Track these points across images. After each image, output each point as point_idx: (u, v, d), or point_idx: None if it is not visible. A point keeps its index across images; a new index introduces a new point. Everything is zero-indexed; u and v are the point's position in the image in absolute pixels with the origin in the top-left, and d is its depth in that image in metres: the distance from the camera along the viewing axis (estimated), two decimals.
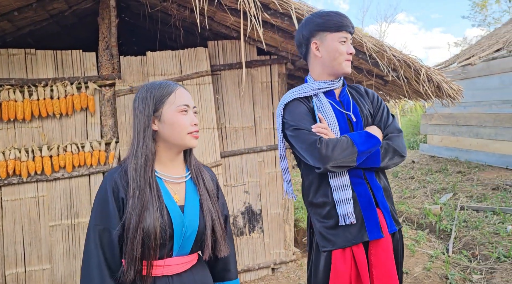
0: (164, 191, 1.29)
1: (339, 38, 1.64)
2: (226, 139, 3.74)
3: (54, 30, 4.07)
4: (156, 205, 1.23)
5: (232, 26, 3.46)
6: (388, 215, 1.64)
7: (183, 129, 1.30)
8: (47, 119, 3.31)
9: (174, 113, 1.30)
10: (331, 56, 1.66)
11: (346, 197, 1.58)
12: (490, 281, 3.18)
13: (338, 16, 1.64)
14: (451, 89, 3.40)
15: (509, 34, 8.03)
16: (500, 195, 5.33)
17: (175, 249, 1.29)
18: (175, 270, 1.30)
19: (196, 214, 1.32)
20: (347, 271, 1.56)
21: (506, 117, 6.73)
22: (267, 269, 3.85)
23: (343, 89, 1.77)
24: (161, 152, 1.33)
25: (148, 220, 1.21)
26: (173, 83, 1.36)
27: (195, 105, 1.39)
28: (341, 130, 1.65)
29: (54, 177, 3.27)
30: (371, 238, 1.58)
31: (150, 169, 1.27)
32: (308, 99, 1.71)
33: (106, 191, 1.26)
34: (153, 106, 1.30)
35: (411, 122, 13.32)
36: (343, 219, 1.58)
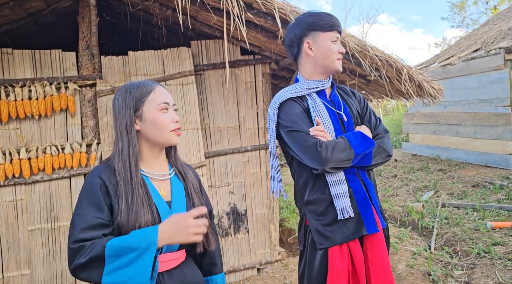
0: (151, 188, 1.32)
1: (331, 38, 1.68)
2: (210, 140, 3.71)
3: (32, 29, 3.96)
4: (146, 202, 1.26)
5: (216, 26, 3.44)
6: (378, 211, 1.69)
7: (165, 127, 1.32)
8: (25, 120, 3.22)
9: (155, 112, 1.32)
10: (324, 55, 1.69)
11: (343, 191, 1.61)
12: (471, 277, 3.25)
13: (329, 16, 1.69)
14: (432, 88, 3.46)
15: (486, 35, 8.23)
16: (480, 192, 5.46)
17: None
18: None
19: (183, 209, 1.35)
20: (345, 268, 1.58)
21: (484, 116, 6.89)
22: (252, 269, 3.84)
23: (333, 89, 1.81)
24: (144, 150, 1.35)
25: (139, 217, 1.23)
26: (152, 83, 1.38)
27: (175, 103, 1.40)
28: (335, 130, 1.69)
29: (33, 179, 3.19)
30: (369, 232, 1.61)
31: (136, 167, 1.30)
32: (302, 99, 1.73)
33: (95, 186, 1.25)
34: (133, 106, 1.32)
35: (393, 122, 13.53)
36: (341, 213, 1.60)
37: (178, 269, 1.35)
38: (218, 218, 3.74)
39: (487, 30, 8.73)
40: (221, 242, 3.75)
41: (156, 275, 1.20)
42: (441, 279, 3.25)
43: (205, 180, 3.60)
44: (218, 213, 3.74)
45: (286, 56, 3.71)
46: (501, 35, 7.50)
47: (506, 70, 6.43)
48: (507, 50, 6.43)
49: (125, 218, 1.22)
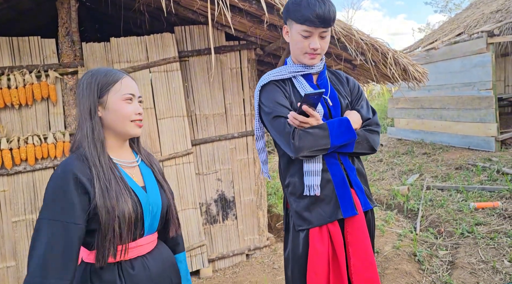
0: (124, 175, 1.32)
1: (301, 31, 1.57)
2: (196, 127, 3.68)
3: (10, 16, 3.83)
4: (122, 186, 1.26)
5: (199, 11, 3.37)
6: (362, 194, 1.68)
7: (126, 117, 1.31)
8: (5, 110, 3.14)
9: (119, 101, 1.31)
10: (293, 45, 1.66)
11: (316, 169, 1.60)
12: (455, 256, 3.33)
13: (308, 8, 1.52)
14: (417, 72, 3.48)
15: (469, 19, 8.30)
16: (463, 174, 5.57)
17: (146, 228, 1.32)
18: (147, 249, 1.35)
19: (157, 193, 1.37)
20: (325, 250, 1.59)
21: (467, 99, 6.99)
22: (241, 255, 3.86)
23: (322, 72, 1.75)
24: (109, 138, 1.34)
25: (120, 200, 1.22)
26: (120, 72, 1.36)
27: (141, 96, 1.39)
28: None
29: (16, 170, 3.12)
30: (345, 216, 1.61)
31: (107, 153, 1.30)
32: (285, 82, 1.70)
33: (67, 182, 1.18)
34: (97, 92, 1.30)
35: (379, 107, 13.64)
36: (308, 190, 1.60)
37: (156, 249, 1.40)
38: (206, 205, 3.74)
39: (470, 14, 8.81)
40: (210, 229, 3.76)
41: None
42: (426, 259, 3.32)
43: (192, 168, 3.59)
44: (206, 200, 3.73)
45: (271, 42, 3.68)
46: (483, 19, 7.58)
47: (489, 54, 6.51)
48: (489, 34, 6.50)
49: (101, 202, 1.19)
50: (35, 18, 4.32)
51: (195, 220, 3.59)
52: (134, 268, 1.28)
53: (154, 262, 1.34)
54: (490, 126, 6.52)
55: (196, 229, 3.60)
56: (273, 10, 2.70)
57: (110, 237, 1.20)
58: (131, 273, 1.27)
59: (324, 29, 1.58)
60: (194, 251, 3.59)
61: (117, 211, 1.20)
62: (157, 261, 1.36)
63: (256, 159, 3.85)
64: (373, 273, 1.60)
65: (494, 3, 8.21)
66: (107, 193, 1.21)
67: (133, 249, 1.30)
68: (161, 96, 3.48)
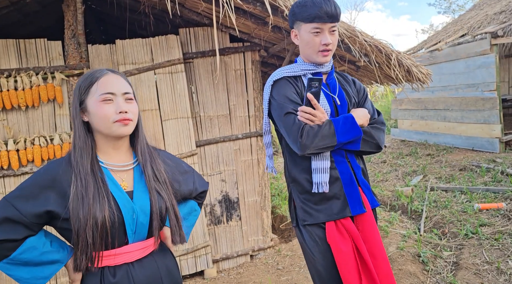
0: (110, 179, 1.27)
1: (311, 29, 1.62)
2: (201, 128, 3.70)
3: (16, 18, 3.87)
4: (101, 193, 1.22)
5: (204, 13, 3.40)
6: (369, 192, 1.72)
7: (106, 118, 1.25)
8: (12, 111, 3.17)
9: (96, 103, 1.25)
10: (304, 46, 1.69)
11: (324, 167, 1.62)
12: (459, 257, 3.33)
13: (314, 7, 1.59)
14: (421, 73, 3.48)
15: (473, 20, 8.30)
16: (467, 175, 5.56)
17: (130, 236, 1.28)
18: (135, 257, 1.30)
19: (146, 199, 1.30)
20: (350, 248, 1.60)
21: (471, 100, 6.98)
22: (245, 256, 3.88)
23: (330, 73, 1.79)
24: (99, 141, 1.31)
25: (95, 208, 1.19)
26: (100, 71, 1.30)
27: (128, 92, 1.31)
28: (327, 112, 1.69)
29: (22, 171, 3.15)
30: (354, 213, 1.63)
31: (90, 159, 1.25)
32: (297, 79, 1.73)
33: (43, 178, 1.23)
34: (79, 97, 1.28)
35: (382, 108, 13.62)
36: (316, 187, 1.63)
37: (149, 257, 1.34)
38: (211, 206, 3.75)
39: (473, 15, 8.79)
40: (214, 230, 3.78)
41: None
42: (431, 260, 3.32)
43: (196, 169, 3.60)
44: (210, 201, 3.75)
45: (275, 43, 3.70)
46: (487, 20, 7.57)
47: (492, 55, 6.50)
48: (493, 35, 6.50)
49: (75, 210, 1.18)
50: (41, 20, 4.36)
51: (199, 220, 3.61)
52: (115, 276, 1.25)
53: (142, 271, 1.29)
54: (494, 127, 6.51)
55: (200, 229, 3.62)
56: (277, 12, 2.71)
57: (81, 246, 1.19)
58: (111, 280, 1.24)
59: (333, 24, 1.63)
60: (198, 251, 3.61)
61: (90, 220, 1.18)
62: (145, 269, 1.30)
63: (260, 160, 3.87)
64: (388, 267, 1.63)
65: (498, 4, 8.20)
66: (82, 201, 1.19)
67: (116, 256, 1.26)
68: (166, 97, 3.50)
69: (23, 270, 1.22)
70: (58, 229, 1.26)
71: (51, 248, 1.24)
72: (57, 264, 1.25)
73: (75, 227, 1.18)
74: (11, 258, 1.20)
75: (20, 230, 1.19)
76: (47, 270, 1.24)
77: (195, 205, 1.60)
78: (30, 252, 1.21)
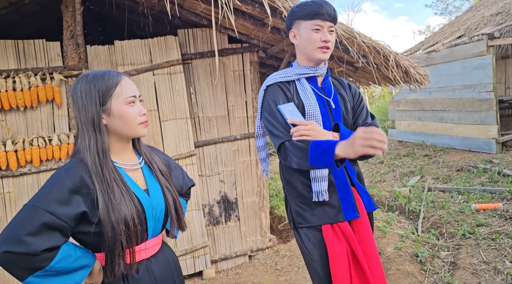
0: (128, 179, 1.30)
1: (312, 26, 1.66)
2: (199, 129, 3.71)
3: (14, 19, 3.87)
4: (126, 194, 1.24)
5: (203, 14, 3.41)
6: (366, 195, 1.74)
7: (133, 121, 1.29)
8: (11, 112, 3.17)
9: (123, 106, 1.27)
10: (304, 44, 1.71)
11: (322, 175, 1.64)
12: (456, 257, 3.35)
13: (314, 5, 1.65)
14: (418, 74, 3.51)
15: (469, 21, 8.34)
16: (464, 175, 5.59)
17: (150, 232, 1.32)
18: (151, 252, 1.35)
19: (160, 195, 1.36)
20: (344, 250, 1.63)
21: (468, 101, 7.02)
22: (244, 256, 3.88)
23: (326, 77, 1.82)
24: (113, 143, 1.32)
25: (124, 210, 1.21)
26: (117, 73, 1.32)
27: (141, 94, 1.39)
28: (321, 116, 1.71)
29: (21, 172, 3.15)
30: (347, 219, 1.65)
31: (110, 162, 1.26)
32: (289, 84, 1.76)
33: (69, 180, 1.18)
34: (100, 100, 1.25)
35: (380, 109, 13.67)
36: (316, 196, 1.65)
37: (160, 252, 1.40)
38: (209, 206, 3.76)
39: (470, 17, 8.84)
40: (213, 230, 3.78)
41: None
42: (428, 260, 3.34)
43: (195, 169, 3.61)
44: (209, 202, 3.76)
45: (273, 44, 3.71)
46: (483, 21, 7.62)
47: (489, 56, 6.54)
48: (489, 36, 6.54)
49: (106, 216, 1.18)
50: (40, 21, 4.36)
51: (198, 221, 3.62)
52: (138, 272, 1.28)
53: (158, 266, 1.35)
54: (491, 128, 6.54)
55: (199, 230, 3.62)
56: (276, 13, 2.73)
57: (118, 251, 1.20)
58: (135, 277, 1.27)
59: (331, 23, 1.68)
60: (197, 252, 3.61)
61: (122, 224, 1.19)
62: (160, 264, 1.36)
63: (259, 160, 3.87)
64: (380, 268, 1.65)
65: (494, 6, 8.25)
66: (111, 206, 1.19)
67: (142, 252, 1.30)
68: (165, 98, 3.51)
69: (54, 280, 1.15)
70: (79, 234, 1.23)
71: (81, 254, 1.21)
72: (85, 269, 1.21)
73: (108, 233, 1.18)
74: (46, 269, 1.12)
75: (58, 236, 1.13)
76: (77, 276, 1.19)
77: (185, 202, 1.65)
78: (65, 260, 1.16)
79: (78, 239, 1.26)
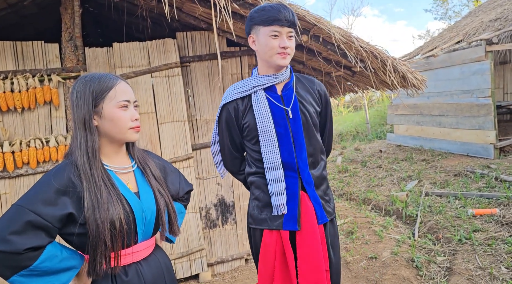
0: (118, 181, 1.31)
1: (270, 32, 1.63)
2: (197, 132, 3.71)
3: (13, 21, 3.88)
4: (114, 195, 1.24)
5: (201, 17, 3.42)
6: (319, 208, 1.75)
7: (123, 125, 1.30)
8: (8, 113, 3.17)
9: (114, 109, 1.29)
10: (263, 49, 1.69)
11: (280, 189, 1.70)
12: (452, 262, 3.35)
13: (273, 10, 1.62)
14: (416, 79, 3.52)
15: (468, 26, 8.38)
16: (462, 180, 5.60)
17: (139, 235, 1.32)
18: (142, 255, 1.35)
19: (151, 199, 1.36)
20: (273, 244, 1.71)
21: (466, 106, 7.04)
22: (240, 260, 3.88)
23: (288, 82, 1.78)
24: (104, 145, 1.33)
25: (111, 211, 1.21)
26: (114, 77, 1.33)
27: (137, 100, 1.38)
28: (276, 126, 1.71)
29: (17, 173, 3.15)
30: (285, 228, 1.70)
31: (100, 163, 1.27)
32: (244, 99, 1.77)
33: (56, 181, 1.19)
34: (92, 101, 1.28)
35: (378, 113, 13.69)
36: (275, 210, 1.72)
37: (152, 255, 1.40)
38: (206, 209, 3.76)
39: (469, 22, 8.88)
40: (209, 234, 3.78)
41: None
42: (424, 265, 3.34)
43: (192, 172, 3.61)
44: (206, 205, 3.75)
45: None
46: (482, 27, 7.65)
47: (487, 62, 6.56)
48: (488, 42, 6.56)
49: (91, 213, 1.18)
50: (39, 22, 4.37)
51: (194, 224, 3.61)
52: (127, 275, 1.28)
53: (148, 269, 1.34)
54: (489, 133, 6.56)
55: (195, 233, 3.62)
56: None
57: (101, 250, 1.20)
58: (124, 279, 1.27)
59: (290, 29, 1.66)
60: (193, 255, 3.61)
61: (108, 224, 1.19)
62: (152, 268, 1.36)
63: None
64: (319, 275, 1.65)
65: (493, 12, 8.29)
66: (97, 205, 1.19)
67: (127, 256, 1.29)
68: (162, 101, 3.51)
69: (39, 280, 1.16)
70: (67, 236, 1.23)
71: (67, 254, 1.21)
72: (72, 270, 1.22)
73: (92, 231, 1.18)
74: (30, 268, 1.13)
75: (42, 236, 1.14)
76: (63, 277, 1.20)
77: (182, 207, 1.64)
78: (50, 260, 1.16)
79: (67, 240, 1.26)
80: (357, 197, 5.89)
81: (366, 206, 5.46)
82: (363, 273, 3.34)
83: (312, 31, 2.95)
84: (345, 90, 4.63)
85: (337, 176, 7.49)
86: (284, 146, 1.70)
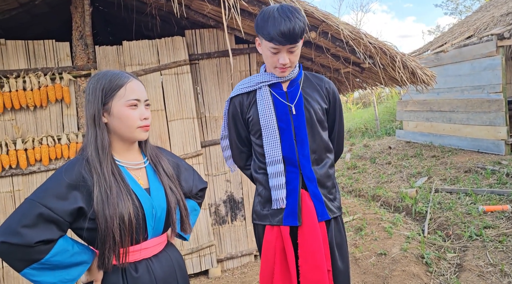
0: (128, 177, 1.32)
1: (269, 48, 1.61)
2: (206, 129, 3.74)
3: (25, 20, 3.93)
4: (124, 191, 1.26)
5: (210, 15, 3.43)
6: (320, 204, 1.73)
7: (132, 124, 1.30)
8: (21, 111, 3.22)
9: (123, 108, 1.29)
10: (264, 59, 1.71)
11: (280, 183, 1.72)
12: (462, 259, 3.33)
13: (273, 27, 1.53)
14: (425, 75, 3.49)
15: (479, 21, 8.26)
16: (472, 177, 5.55)
17: (149, 231, 1.32)
18: (153, 252, 1.35)
19: (162, 195, 1.37)
20: (273, 241, 1.73)
21: (476, 102, 6.96)
22: (249, 256, 3.90)
23: (295, 79, 1.78)
24: (115, 142, 1.34)
25: (120, 206, 1.22)
26: (126, 75, 1.33)
27: (148, 99, 1.37)
28: (279, 121, 1.72)
29: (30, 170, 3.20)
30: (285, 224, 1.71)
31: (110, 158, 1.29)
32: (250, 94, 1.80)
33: (65, 180, 1.21)
34: (102, 98, 1.29)
35: (388, 109, 13.61)
36: (275, 204, 1.73)
37: (164, 252, 1.40)
38: (215, 206, 3.78)
39: (480, 17, 8.75)
40: (219, 230, 3.81)
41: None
42: (434, 262, 3.33)
43: (201, 169, 3.64)
44: (215, 201, 3.78)
45: None
46: (493, 21, 7.54)
47: (498, 57, 6.48)
48: (499, 37, 6.47)
49: (100, 208, 1.20)
50: (49, 21, 4.42)
51: (204, 220, 3.64)
52: (137, 271, 1.29)
53: (159, 266, 1.35)
54: (500, 129, 6.48)
55: (205, 229, 3.65)
56: None
57: (109, 245, 1.21)
58: (134, 275, 1.28)
59: (291, 45, 1.59)
60: (203, 251, 3.64)
61: (117, 218, 1.21)
62: (163, 264, 1.36)
63: None
64: (321, 275, 1.64)
65: (505, 6, 8.16)
66: (107, 200, 1.21)
67: (137, 252, 1.30)
68: (172, 98, 3.54)
69: (50, 274, 1.18)
70: (78, 230, 1.25)
71: (79, 249, 1.23)
72: (83, 265, 1.24)
73: (101, 225, 1.20)
74: (42, 262, 1.15)
75: (53, 230, 1.16)
76: (74, 272, 1.22)
77: (196, 205, 1.65)
78: (62, 254, 1.18)
79: (78, 234, 1.28)
80: (366, 194, 5.87)
81: (375, 202, 5.44)
82: (372, 269, 3.34)
83: (321, 27, 2.95)
84: (354, 86, 4.62)
85: (346, 172, 7.47)
86: (286, 141, 1.72)
